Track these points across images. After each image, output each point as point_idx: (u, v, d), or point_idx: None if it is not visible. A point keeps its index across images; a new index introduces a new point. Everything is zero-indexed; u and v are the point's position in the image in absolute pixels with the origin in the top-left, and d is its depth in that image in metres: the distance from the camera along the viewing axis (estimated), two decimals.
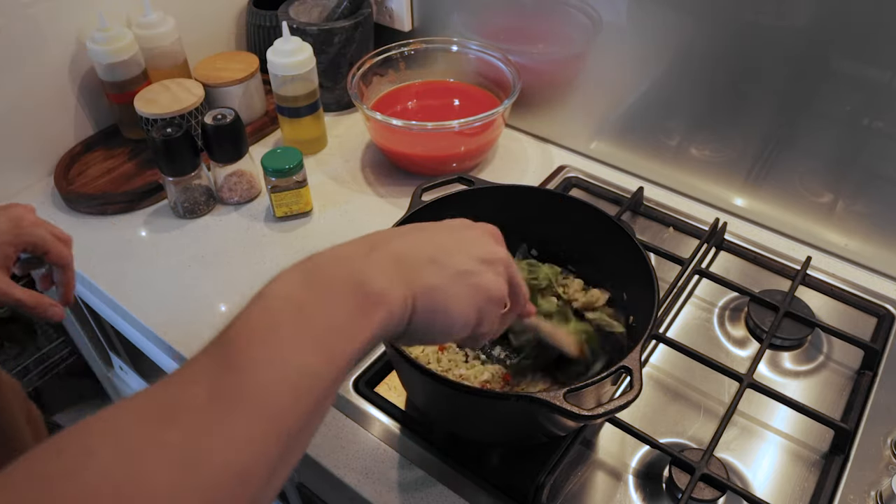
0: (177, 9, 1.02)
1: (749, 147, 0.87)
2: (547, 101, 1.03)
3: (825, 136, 0.80)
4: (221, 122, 0.87)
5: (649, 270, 0.62)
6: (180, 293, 0.83)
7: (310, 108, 0.99)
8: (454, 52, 1.06)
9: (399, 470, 0.65)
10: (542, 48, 0.99)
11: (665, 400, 0.71)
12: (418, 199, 0.71)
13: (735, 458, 0.66)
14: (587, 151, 1.03)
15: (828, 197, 0.84)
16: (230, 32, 1.17)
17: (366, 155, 1.05)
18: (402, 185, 0.99)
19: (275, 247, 0.89)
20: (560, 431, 0.63)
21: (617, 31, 0.90)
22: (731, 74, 0.83)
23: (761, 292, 0.78)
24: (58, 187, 0.94)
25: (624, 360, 0.53)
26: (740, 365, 0.74)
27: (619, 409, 0.50)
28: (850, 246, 0.85)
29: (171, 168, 0.88)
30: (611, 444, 0.67)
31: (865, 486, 0.63)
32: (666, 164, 0.96)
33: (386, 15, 1.11)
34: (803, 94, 0.79)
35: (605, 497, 0.63)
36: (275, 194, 0.89)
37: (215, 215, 0.94)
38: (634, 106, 0.95)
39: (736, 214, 0.92)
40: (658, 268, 0.82)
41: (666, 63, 0.88)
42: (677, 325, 0.79)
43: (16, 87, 0.92)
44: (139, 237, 0.91)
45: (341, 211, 0.95)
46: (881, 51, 0.72)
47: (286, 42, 0.94)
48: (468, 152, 0.97)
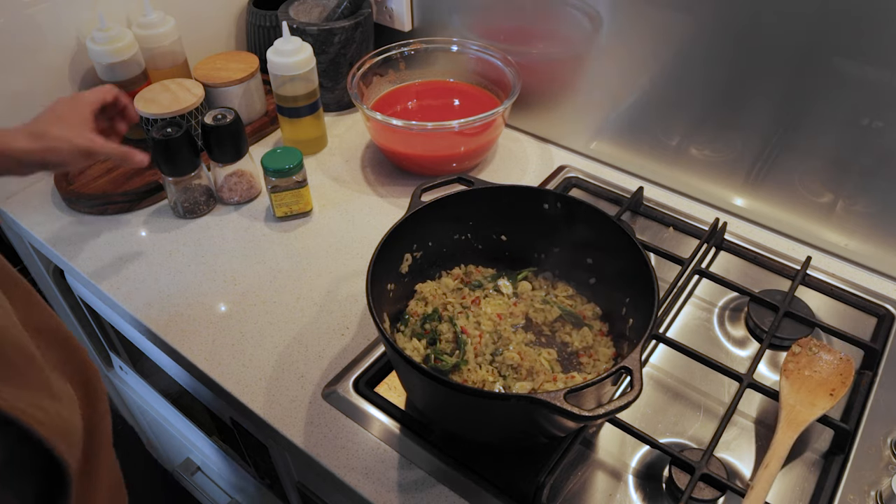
0: (177, 9, 1.02)
1: (749, 147, 0.87)
2: (547, 101, 1.03)
3: (825, 136, 0.80)
4: (221, 122, 0.87)
5: (649, 270, 0.62)
6: (180, 293, 0.83)
7: (310, 108, 0.99)
8: (454, 52, 1.06)
9: (399, 470, 0.65)
10: (542, 48, 0.99)
11: (665, 400, 0.71)
12: (418, 199, 0.71)
13: (735, 458, 0.66)
14: (587, 151, 1.03)
15: (828, 197, 0.84)
16: (230, 32, 1.17)
17: (366, 155, 1.05)
18: (402, 185, 0.99)
19: (275, 247, 0.89)
20: (560, 432, 0.63)
21: (617, 31, 0.90)
22: (731, 74, 0.83)
23: (761, 292, 0.78)
24: (58, 187, 0.94)
25: (624, 361, 0.53)
26: (740, 365, 0.74)
27: (619, 409, 0.50)
28: (850, 246, 0.85)
29: (170, 168, 0.88)
30: (611, 444, 0.68)
31: (865, 486, 0.63)
32: (666, 164, 0.96)
33: (386, 15, 1.11)
34: (803, 94, 0.79)
35: (605, 497, 0.63)
36: (275, 194, 0.89)
37: (215, 215, 0.94)
38: (634, 106, 0.95)
39: (736, 214, 0.92)
40: (658, 268, 0.82)
41: (666, 63, 0.88)
42: (677, 325, 0.79)
43: (16, 87, 0.92)
44: (139, 237, 0.91)
45: (341, 211, 0.95)
46: (881, 51, 0.72)
47: (286, 42, 0.94)
48: (468, 152, 0.97)
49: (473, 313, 0.72)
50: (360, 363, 0.74)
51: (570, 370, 0.69)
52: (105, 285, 0.84)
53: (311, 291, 0.83)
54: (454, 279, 0.77)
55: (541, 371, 0.66)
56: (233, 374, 0.73)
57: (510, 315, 0.73)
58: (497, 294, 0.76)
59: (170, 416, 1.15)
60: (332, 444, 0.67)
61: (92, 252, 0.88)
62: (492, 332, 0.70)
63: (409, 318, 0.73)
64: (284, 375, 0.73)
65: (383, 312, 0.69)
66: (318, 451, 0.66)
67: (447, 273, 0.78)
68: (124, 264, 0.87)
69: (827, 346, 0.70)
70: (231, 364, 0.75)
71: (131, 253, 0.89)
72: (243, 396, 0.71)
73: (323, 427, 0.68)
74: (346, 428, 0.68)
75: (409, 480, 0.64)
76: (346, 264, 0.86)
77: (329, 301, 0.82)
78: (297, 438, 0.68)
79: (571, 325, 0.73)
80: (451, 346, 0.69)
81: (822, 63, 0.76)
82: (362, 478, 0.64)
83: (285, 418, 0.69)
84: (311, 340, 0.77)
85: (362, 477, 0.64)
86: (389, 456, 0.66)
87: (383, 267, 0.67)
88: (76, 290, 1.02)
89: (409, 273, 0.74)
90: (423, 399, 0.64)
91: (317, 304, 0.81)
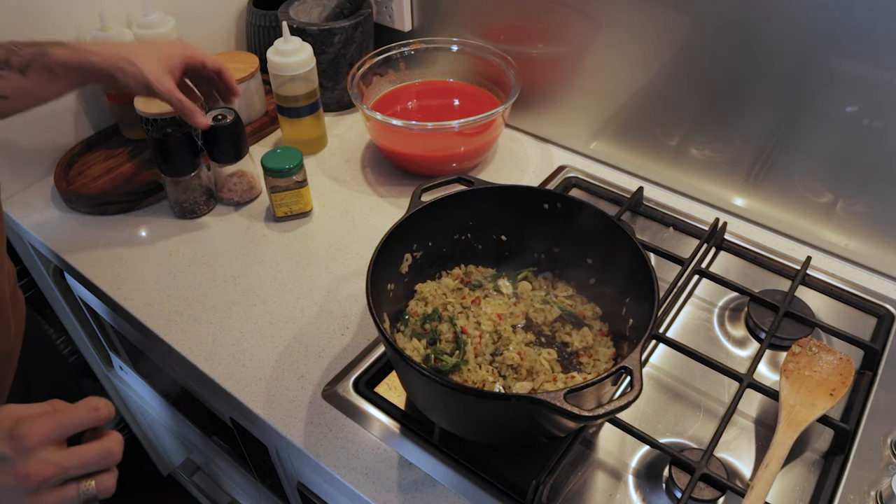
0: (177, 9, 1.02)
1: (749, 147, 0.87)
2: (547, 101, 1.03)
3: (825, 136, 0.80)
4: (221, 123, 0.87)
5: (649, 270, 0.62)
6: (180, 293, 0.83)
7: (310, 108, 0.99)
8: (454, 52, 1.06)
9: (399, 470, 0.65)
10: (542, 48, 0.99)
11: (665, 400, 0.71)
12: (418, 200, 0.71)
13: (735, 458, 0.66)
14: (587, 151, 1.03)
15: (828, 197, 0.84)
16: (230, 32, 1.17)
17: (366, 155, 1.05)
18: (402, 185, 0.99)
19: (275, 247, 0.89)
20: (560, 432, 0.63)
21: (617, 31, 0.90)
22: (731, 74, 0.83)
23: (761, 292, 0.78)
24: (58, 187, 0.94)
25: (624, 361, 0.53)
26: (740, 365, 0.74)
27: (619, 409, 0.50)
28: (850, 246, 0.85)
29: (170, 168, 0.88)
30: (611, 444, 0.68)
31: (865, 486, 0.63)
32: (666, 164, 0.96)
33: (386, 15, 1.11)
34: (803, 94, 0.79)
35: (605, 497, 0.63)
36: (275, 194, 0.89)
37: (215, 215, 0.94)
38: (634, 106, 0.95)
39: (736, 214, 0.92)
40: (658, 268, 0.82)
41: (666, 63, 0.88)
42: (677, 325, 0.79)
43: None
44: (139, 237, 0.91)
45: (341, 211, 0.95)
46: (881, 51, 0.72)
47: (286, 42, 0.94)
48: (468, 152, 0.97)
49: (473, 313, 0.72)
50: (360, 363, 0.74)
51: (570, 370, 0.69)
52: (105, 285, 0.84)
53: (311, 291, 0.83)
54: (454, 279, 0.77)
55: (541, 371, 0.66)
56: (232, 374, 0.73)
57: (510, 315, 0.73)
58: (497, 294, 0.76)
59: (170, 416, 1.15)
60: (332, 444, 0.67)
61: (92, 252, 0.88)
62: (492, 332, 0.70)
63: (409, 318, 0.73)
64: (284, 375, 0.73)
65: (383, 312, 0.69)
66: (318, 451, 0.66)
67: (447, 273, 0.78)
68: (124, 264, 0.87)
69: (827, 346, 0.70)
70: (231, 364, 0.74)
71: (131, 253, 0.89)
72: (243, 396, 0.71)
73: (323, 427, 0.68)
74: (346, 428, 0.68)
75: (409, 480, 0.64)
76: (346, 264, 0.86)
77: (329, 301, 0.82)
78: (297, 438, 0.68)
79: (571, 325, 0.73)
80: (451, 346, 0.69)
81: (822, 63, 0.76)
82: (362, 478, 0.64)
83: (285, 418, 0.69)
84: (311, 340, 0.77)
85: (362, 477, 0.64)
86: (389, 456, 0.66)
87: (383, 267, 0.67)
88: (76, 290, 1.02)
89: (409, 273, 0.74)
90: (423, 399, 0.64)
91: (317, 304, 0.81)
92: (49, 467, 0.47)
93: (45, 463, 0.47)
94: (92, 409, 0.50)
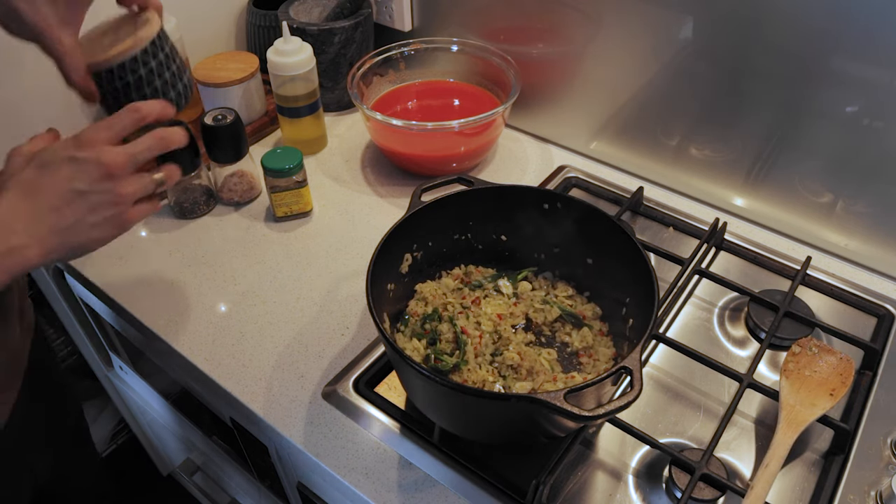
0: (177, 9, 1.02)
1: (749, 147, 0.87)
2: (547, 101, 1.03)
3: (825, 136, 0.80)
4: (221, 122, 0.87)
5: (649, 270, 0.62)
6: (180, 293, 0.83)
7: (310, 108, 0.99)
8: (454, 52, 1.06)
9: (399, 470, 0.65)
10: (542, 48, 0.99)
11: (665, 400, 0.71)
12: (418, 200, 0.71)
13: (735, 458, 0.66)
14: (587, 151, 1.03)
15: (828, 197, 0.84)
16: (230, 32, 1.17)
17: (366, 155, 1.05)
18: (402, 185, 0.99)
19: (275, 247, 0.89)
20: (560, 432, 0.63)
21: (617, 30, 0.90)
22: (731, 74, 0.83)
23: (761, 292, 0.78)
24: None
25: (624, 361, 0.53)
26: (740, 365, 0.74)
27: (619, 409, 0.50)
28: (850, 246, 0.85)
29: None
30: (611, 444, 0.68)
31: (865, 486, 0.63)
32: (666, 164, 0.96)
33: (386, 15, 1.11)
34: (803, 94, 0.79)
35: (605, 497, 0.63)
36: (275, 194, 0.89)
37: (215, 215, 0.94)
38: (634, 106, 0.95)
39: (736, 214, 0.92)
40: (658, 268, 0.82)
41: (666, 63, 0.88)
42: (677, 325, 0.79)
43: (16, 88, 0.92)
44: (139, 237, 0.91)
45: (341, 211, 0.95)
46: (881, 51, 0.72)
47: (286, 42, 0.94)
48: (468, 152, 0.97)
49: (473, 313, 0.72)
50: (360, 363, 0.74)
51: (570, 370, 0.69)
52: (105, 285, 0.84)
53: (311, 291, 0.83)
54: (454, 279, 0.77)
55: (541, 371, 0.67)
56: (232, 374, 0.73)
57: (510, 315, 0.73)
58: (497, 294, 0.76)
59: (170, 416, 1.15)
60: (332, 444, 0.67)
61: (92, 252, 0.88)
62: (492, 333, 0.70)
63: (409, 318, 0.73)
64: (284, 375, 0.73)
65: (383, 312, 0.69)
66: (318, 451, 0.67)
67: (447, 273, 0.78)
68: (124, 264, 0.87)
69: (827, 346, 0.70)
70: (231, 364, 0.74)
71: (131, 253, 0.89)
72: (243, 396, 0.71)
73: (323, 427, 0.68)
74: (346, 428, 0.68)
75: (409, 480, 0.64)
76: (346, 264, 0.86)
77: (329, 301, 0.82)
78: (297, 438, 0.68)
79: (571, 325, 0.73)
80: (451, 346, 0.69)
81: (822, 63, 0.76)
82: (362, 478, 0.64)
83: (285, 418, 0.69)
84: (311, 340, 0.77)
85: (362, 477, 0.64)
86: (389, 456, 0.66)
87: (383, 267, 0.67)
88: (76, 291, 1.02)
89: (409, 273, 0.74)
90: (423, 399, 0.64)
91: (317, 304, 0.81)
92: (120, 155, 0.57)
93: (115, 153, 0.57)
94: (132, 111, 0.59)
